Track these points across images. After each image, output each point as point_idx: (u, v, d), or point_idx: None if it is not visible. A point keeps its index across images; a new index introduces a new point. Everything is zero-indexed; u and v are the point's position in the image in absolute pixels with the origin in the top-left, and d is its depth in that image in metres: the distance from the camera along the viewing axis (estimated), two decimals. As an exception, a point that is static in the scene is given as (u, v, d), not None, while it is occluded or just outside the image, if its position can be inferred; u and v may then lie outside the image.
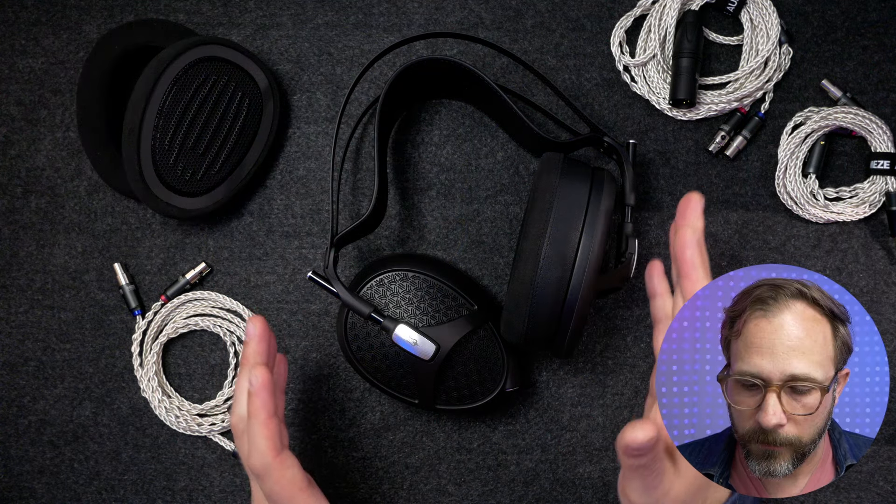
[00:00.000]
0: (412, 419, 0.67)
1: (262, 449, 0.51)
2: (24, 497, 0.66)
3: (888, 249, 0.66)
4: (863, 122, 0.65)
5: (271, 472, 0.51)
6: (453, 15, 0.68)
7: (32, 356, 0.67)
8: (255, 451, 0.51)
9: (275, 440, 0.51)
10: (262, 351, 0.54)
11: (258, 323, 0.54)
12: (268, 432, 0.51)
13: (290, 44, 0.68)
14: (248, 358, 0.54)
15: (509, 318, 0.56)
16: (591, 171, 0.56)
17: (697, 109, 0.67)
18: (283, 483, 0.51)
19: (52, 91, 0.68)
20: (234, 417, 0.55)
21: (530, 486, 0.66)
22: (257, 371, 0.51)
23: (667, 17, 0.66)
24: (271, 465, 0.51)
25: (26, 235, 0.67)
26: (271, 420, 0.52)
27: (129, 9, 0.69)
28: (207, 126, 0.62)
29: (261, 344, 0.54)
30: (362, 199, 0.68)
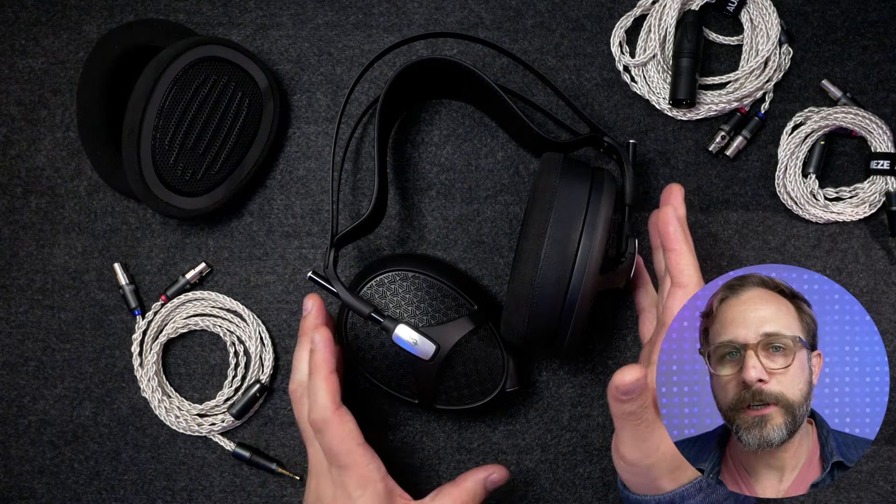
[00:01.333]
0: (412, 419, 0.67)
1: (323, 402, 0.54)
2: (24, 497, 0.66)
3: (888, 249, 0.66)
4: (863, 122, 0.65)
5: (331, 426, 0.54)
6: (453, 15, 0.68)
7: (32, 356, 0.67)
8: (316, 404, 0.54)
9: (335, 394, 0.54)
10: (320, 323, 0.58)
11: (315, 299, 0.58)
12: (329, 386, 0.54)
13: (290, 44, 0.68)
14: (307, 327, 0.58)
15: (509, 318, 0.56)
16: (591, 171, 0.56)
17: (697, 109, 0.67)
18: (343, 436, 0.54)
19: (52, 91, 0.68)
20: (294, 384, 0.58)
21: (530, 486, 0.66)
22: (321, 330, 0.55)
23: (667, 17, 0.66)
24: (331, 419, 0.54)
25: (26, 235, 0.67)
26: (332, 375, 0.55)
27: (129, 9, 0.69)
28: (207, 126, 0.62)
29: (318, 318, 0.58)
30: (362, 199, 0.68)
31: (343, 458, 0.54)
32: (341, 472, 0.54)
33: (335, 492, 0.55)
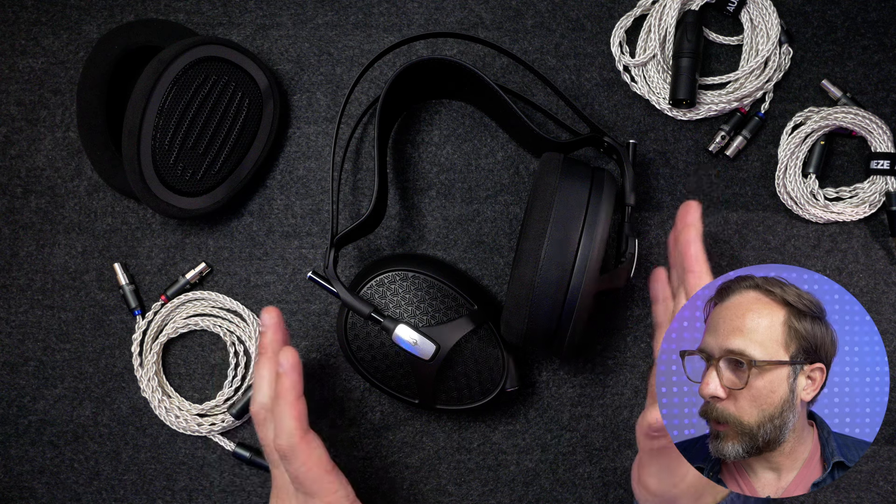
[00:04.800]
0: (412, 419, 0.67)
1: (290, 429, 0.52)
2: (24, 497, 0.66)
3: (888, 249, 0.66)
4: (863, 122, 0.65)
5: (298, 453, 0.52)
6: (453, 15, 0.68)
7: (32, 356, 0.67)
8: (283, 431, 0.52)
9: (302, 421, 0.52)
10: (279, 339, 0.55)
11: (273, 313, 0.56)
12: (296, 412, 0.52)
13: (290, 44, 0.68)
14: (267, 346, 0.55)
15: (509, 318, 0.56)
16: (591, 171, 0.56)
17: (697, 109, 0.67)
18: (310, 464, 0.52)
19: (52, 91, 0.68)
20: (255, 406, 0.55)
21: (530, 486, 0.66)
22: (288, 353, 0.53)
23: (667, 17, 0.66)
24: (298, 446, 0.52)
25: (26, 235, 0.67)
26: (299, 401, 0.53)
27: (129, 9, 0.69)
28: (207, 126, 0.62)
29: (277, 333, 0.55)
30: (362, 199, 0.68)
31: (310, 485, 0.52)
32: (308, 500, 0.53)
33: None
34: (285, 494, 0.55)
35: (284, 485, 0.55)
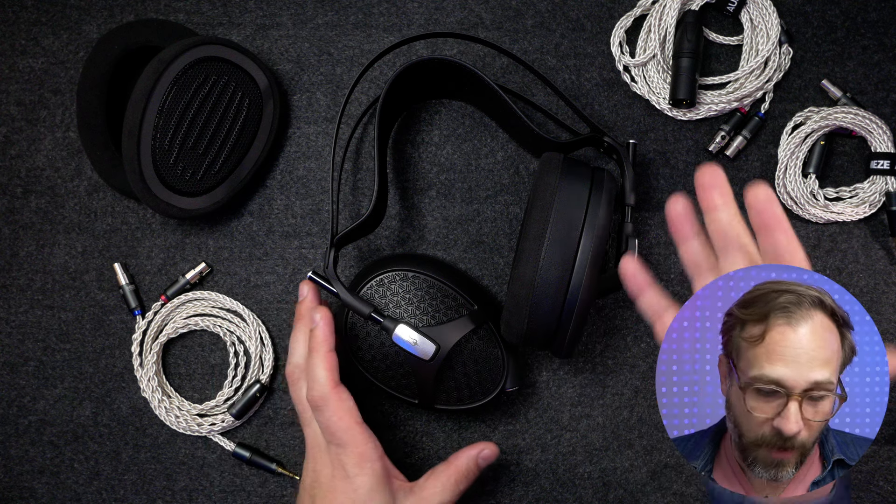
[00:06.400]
0: (412, 419, 0.67)
1: (322, 380, 0.54)
2: (24, 497, 0.66)
3: (888, 249, 0.66)
4: (863, 122, 0.65)
5: (330, 403, 0.54)
6: (453, 15, 0.68)
7: (32, 356, 0.67)
8: (315, 382, 0.54)
9: (334, 372, 0.55)
10: (314, 307, 0.58)
11: (310, 285, 0.59)
12: (328, 364, 0.55)
13: (290, 44, 0.68)
14: (304, 310, 0.59)
15: (509, 318, 0.56)
16: (591, 171, 0.56)
17: (697, 109, 0.67)
18: (342, 413, 0.54)
19: (52, 91, 0.68)
20: (290, 366, 0.58)
21: (530, 486, 0.66)
22: (321, 310, 0.56)
23: (667, 17, 0.66)
24: (330, 396, 0.54)
25: (26, 235, 0.67)
26: (331, 353, 0.55)
27: (129, 9, 0.69)
28: (207, 126, 0.62)
29: (314, 300, 0.59)
30: (362, 199, 0.68)
31: (341, 435, 0.54)
32: (339, 450, 0.54)
33: (333, 470, 0.55)
34: (317, 451, 0.56)
35: (316, 442, 0.56)
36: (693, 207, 0.50)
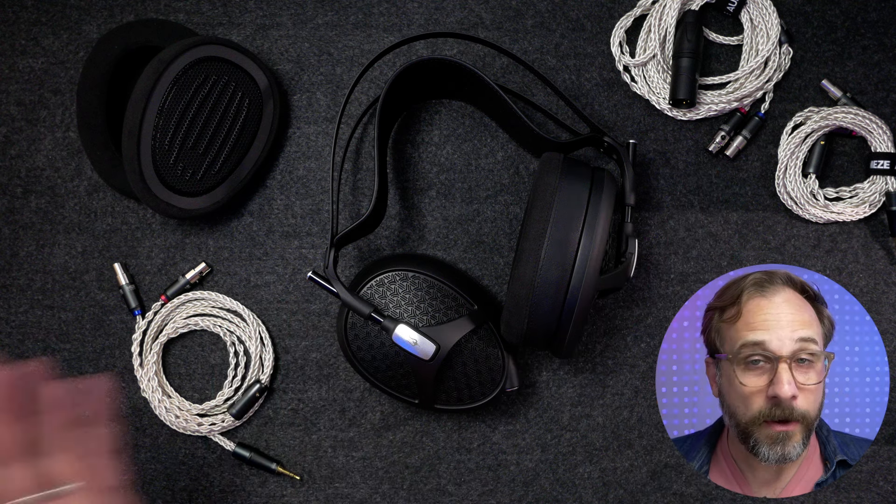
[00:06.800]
0: (412, 419, 0.67)
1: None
2: (24, 497, 0.66)
3: (888, 249, 0.66)
4: (863, 122, 0.65)
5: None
6: (453, 15, 0.68)
7: (32, 356, 0.67)
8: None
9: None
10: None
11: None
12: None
13: (290, 44, 0.68)
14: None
15: (509, 318, 0.56)
16: (591, 171, 0.56)
17: (697, 109, 0.67)
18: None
19: (52, 91, 0.68)
20: None
21: (530, 486, 0.66)
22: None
23: (667, 17, 0.66)
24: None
25: (26, 235, 0.67)
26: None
27: (129, 9, 0.69)
28: (207, 126, 0.62)
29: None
30: (362, 199, 0.68)
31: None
32: None
33: None
34: None
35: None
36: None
